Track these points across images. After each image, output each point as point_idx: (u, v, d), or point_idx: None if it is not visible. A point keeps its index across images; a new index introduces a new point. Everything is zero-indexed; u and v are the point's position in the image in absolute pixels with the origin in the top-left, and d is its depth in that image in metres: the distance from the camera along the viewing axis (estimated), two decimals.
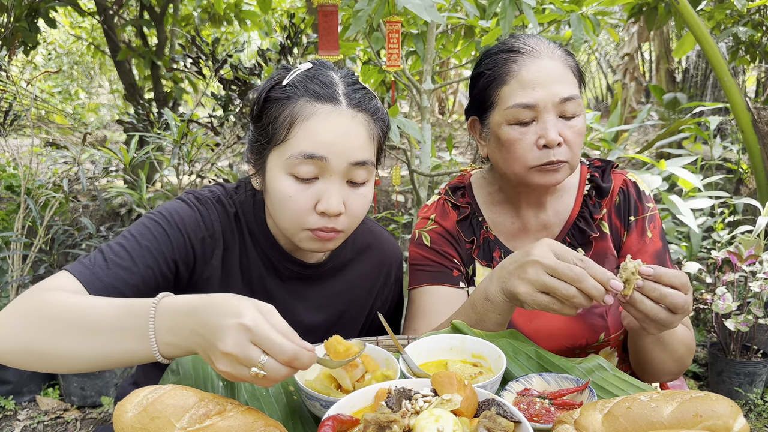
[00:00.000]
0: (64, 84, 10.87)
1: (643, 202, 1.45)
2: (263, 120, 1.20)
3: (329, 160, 1.13)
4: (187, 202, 1.28)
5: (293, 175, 1.15)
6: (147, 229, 1.21)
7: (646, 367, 1.34)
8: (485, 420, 0.76)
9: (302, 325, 1.33)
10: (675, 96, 7.03)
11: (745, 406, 3.02)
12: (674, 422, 0.78)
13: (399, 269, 1.53)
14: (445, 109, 12.90)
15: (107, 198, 4.28)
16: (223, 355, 0.82)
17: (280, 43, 3.19)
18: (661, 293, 1.04)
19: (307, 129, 1.14)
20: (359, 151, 1.16)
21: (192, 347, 0.90)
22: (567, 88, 1.30)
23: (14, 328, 0.99)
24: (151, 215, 1.24)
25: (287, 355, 0.82)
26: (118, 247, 1.17)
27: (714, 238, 3.39)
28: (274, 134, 1.17)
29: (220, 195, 1.32)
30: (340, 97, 1.18)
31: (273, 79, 1.23)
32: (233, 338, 0.81)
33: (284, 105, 1.17)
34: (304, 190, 1.15)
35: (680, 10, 3.60)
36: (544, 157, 1.30)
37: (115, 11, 5.38)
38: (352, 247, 1.42)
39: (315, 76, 1.19)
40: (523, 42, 1.35)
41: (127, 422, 0.79)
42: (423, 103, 2.60)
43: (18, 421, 3.02)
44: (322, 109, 1.15)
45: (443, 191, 1.55)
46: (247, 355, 0.81)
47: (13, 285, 3.15)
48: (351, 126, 1.16)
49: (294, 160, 1.14)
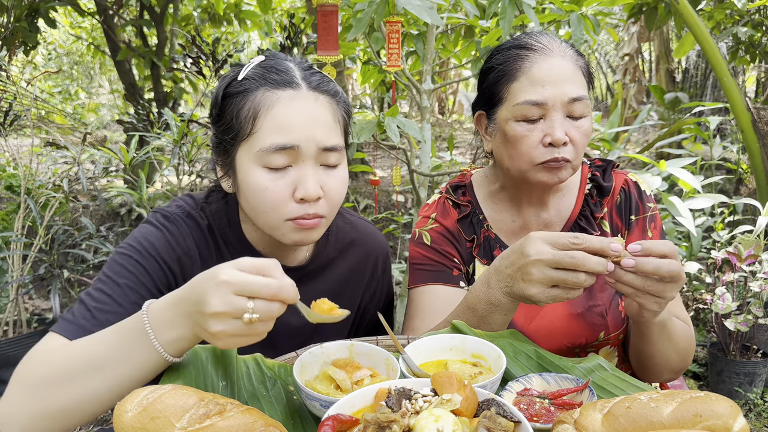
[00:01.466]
0: (64, 84, 10.88)
1: (644, 202, 1.45)
2: (225, 118, 1.18)
3: (300, 147, 1.12)
4: (154, 224, 1.25)
5: (266, 167, 1.13)
6: (121, 266, 1.18)
7: (649, 363, 1.32)
8: (485, 420, 0.76)
9: (290, 327, 1.32)
10: (676, 96, 7.04)
11: (744, 406, 3.03)
12: (674, 422, 0.78)
13: (386, 261, 1.51)
14: (445, 109, 12.91)
15: (107, 198, 4.28)
16: (214, 317, 0.85)
17: (280, 43, 3.19)
18: (655, 265, 1.03)
19: (272, 118, 1.13)
20: (327, 134, 1.16)
21: (193, 331, 0.92)
22: (576, 89, 1.30)
23: (24, 402, 0.98)
24: (122, 249, 1.21)
25: (272, 290, 0.85)
26: (98, 293, 1.14)
27: (714, 238, 3.39)
28: (240, 129, 1.15)
29: (189, 209, 1.29)
30: (299, 81, 1.17)
31: (228, 77, 1.22)
32: (217, 297, 0.85)
33: (244, 98, 1.15)
34: (279, 179, 1.13)
35: (680, 10, 3.60)
36: (549, 154, 1.30)
37: (115, 11, 5.38)
38: (335, 244, 1.40)
39: (270, 66, 1.19)
40: (535, 39, 1.35)
41: (127, 422, 0.79)
42: (423, 103, 2.60)
43: None
44: (283, 95, 1.14)
45: (444, 190, 1.55)
46: (234, 305, 0.85)
47: (13, 285, 3.15)
48: (315, 109, 1.15)
49: (265, 152, 1.12)
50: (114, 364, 0.96)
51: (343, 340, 1.11)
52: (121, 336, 0.98)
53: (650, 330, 1.23)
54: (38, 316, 3.58)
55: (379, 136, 2.34)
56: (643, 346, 1.30)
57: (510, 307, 1.18)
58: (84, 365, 0.97)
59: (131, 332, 0.96)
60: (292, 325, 1.33)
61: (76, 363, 0.98)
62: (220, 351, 1.07)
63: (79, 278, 3.41)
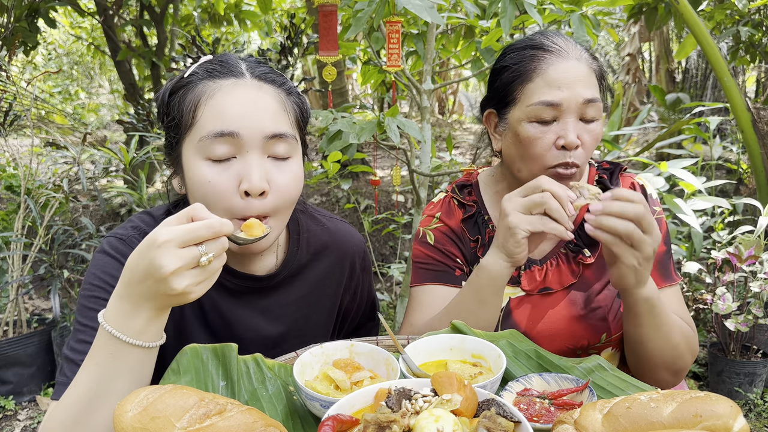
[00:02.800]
0: (64, 84, 10.88)
1: (650, 206, 1.45)
2: (170, 114, 1.15)
3: (241, 134, 1.07)
4: (107, 253, 1.18)
5: (209, 158, 1.08)
6: (90, 309, 1.12)
7: (641, 351, 1.30)
8: (485, 420, 0.76)
9: (268, 338, 1.29)
10: (677, 96, 7.03)
11: (745, 406, 3.03)
12: (674, 422, 0.78)
13: (364, 259, 1.46)
14: (445, 109, 12.90)
15: (107, 198, 4.28)
16: (173, 275, 0.86)
17: (281, 43, 3.19)
18: (621, 206, 1.12)
19: (213, 107, 1.09)
20: (271, 121, 1.10)
21: (156, 306, 0.92)
22: (590, 91, 1.30)
23: None
24: (86, 291, 1.15)
25: (214, 228, 0.88)
26: (79, 345, 1.09)
27: (714, 238, 3.39)
28: (182, 121, 1.12)
29: (145, 227, 1.23)
30: (243, 70, 1.15)
31: (176, 77, 1.20)
32: (167, 257, 0.86)
33: (186, 91, 1.13)
34: (223, 172, 1.08)
35: (680, 11, 3.60)
36: (561, 157, 1.30)
37: (115, 11, 5.38)
38: (306, 249, 1.34)
39: (215, 60, 1.17)
40: (551, 40, 1.35)
41: (127, 422, 0.79)
42: (423, 103, 2.60)
43: (18, 421, 3.02)
44: (224, 83, 1.11)
45: (450, 189, 1.54)
46: (187, 257, 0.87)
47: (13, 285, 3.15)
48: (258, 96, 1.11)
49: (205, 141, 1.07)
50: (107, 389, 0.94)
51: (343, 340, 1.11)
52: (96, 360, 0.95)
53: (638, 308, 1.23)
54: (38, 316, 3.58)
55: (379, 136, 2.34)
56: (633, 329, 1.28)
57: (497, 270, 1.22)
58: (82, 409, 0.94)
59: (103, 349, 0.94)
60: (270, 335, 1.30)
61: (74, 411, 0.94)
62: (221, 351, 1.07)
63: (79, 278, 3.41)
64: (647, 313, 1.23)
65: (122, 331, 0.93)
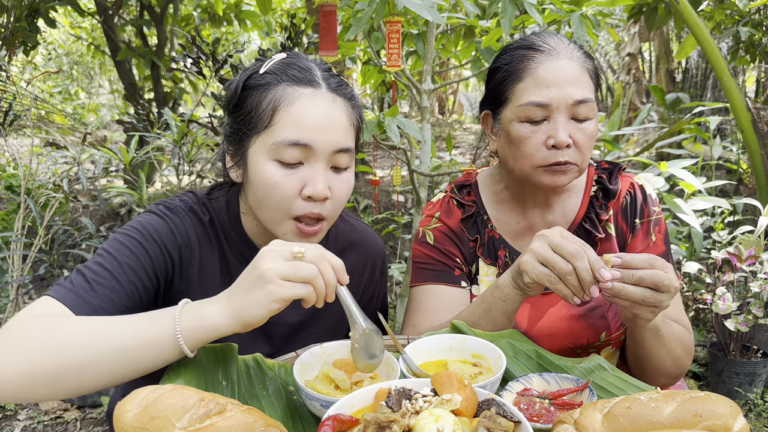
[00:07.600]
0: (64, 84, 10.87)
1: (649, 206, 1.45)
2: (243, 109, 1.20)
3: (314, 147, 1.14)
4: (158, 213, 1.25)
5: (278, 161, 1.15)
6: (122, 244, 1.17)
7: (643, 365, 1.33)
8: (485, 420, 0.76)
9: (288, 324, 1.32)
10: (677, 96, 7.03)
11: (745, 406, 3.03)
12: (674, 422, 0.78)
13: (383, 263, 1.52)
14: (445, 109, 12.90)
15: (107, 198, 4.28)
16: (276, 272, 0.95)
17: (281, 43, 3.19)
18: (638, 276, 1.06)
19: (291, 115, 1.14)
20: (342, 137, 1.18)
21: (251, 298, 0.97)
22: (581, 91, 1.29)
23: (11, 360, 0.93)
24: (125, 230, 1.20)
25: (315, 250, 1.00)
26: (97, 267, 1.12)
27: (714, 238, 3.39)
28: (258, 121, 1.17)
29: (192, 203, 1.30)
30: (320, 80, 1.19)
31: (249, 69, 1.24)
32: (271, 263, 0.96)
33: (265, 91, 1.17)
34: (290, 175, 1.15)
35: (680, 11, 3.60)
36: (552, 157, 1.30)
37: (115, 11, 5.38)
38: (334, 244, 1.40)
39: (292, 63, 1.21)
40: (543, 40, 1.34)
41: (128, 422, 0.79)
42: (423, 103, 2.60)
43: (18, 421, 3.02)
44: (304, 92, 1.16)
45: (449, 189, 1.55)
46: (280, 251, 0.98)
47: (13, 285, 3.15)
48: (332, 110, 1.17)
49: (279, 145, 1.14)
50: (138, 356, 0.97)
51: (343, 340, 1.11)
52: (145, 330, 0.98)
53: (643, 334, 1.24)
54: None
55: (379, 136, 2.34)
56: (636, 348, 1.31)
57: (509, 293, 1.20)
58: (106, 353, 0.95)
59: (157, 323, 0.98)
60: (291, 322, 1.33)
61: (97, 349, 0.95)
62: (221, 351, 1.07)
63: None
64: (650, 337, 1.24)
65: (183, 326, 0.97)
